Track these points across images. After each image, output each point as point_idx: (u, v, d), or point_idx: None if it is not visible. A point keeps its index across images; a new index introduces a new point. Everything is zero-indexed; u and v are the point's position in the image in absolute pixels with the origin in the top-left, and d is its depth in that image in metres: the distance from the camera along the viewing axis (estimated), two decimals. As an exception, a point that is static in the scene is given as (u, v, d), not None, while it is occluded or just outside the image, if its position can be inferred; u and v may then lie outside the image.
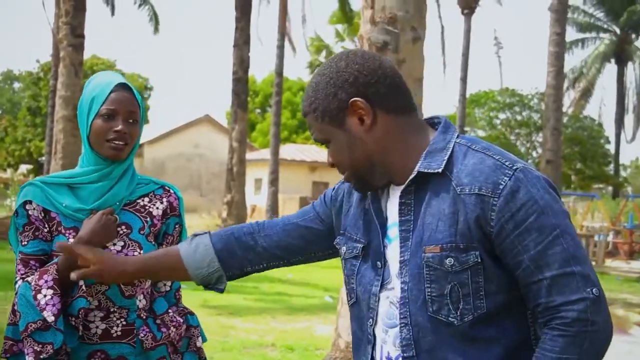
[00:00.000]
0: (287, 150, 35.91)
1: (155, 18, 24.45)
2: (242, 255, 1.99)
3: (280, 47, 28.96)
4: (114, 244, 2.21)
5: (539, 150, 29.46)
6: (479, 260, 1.60)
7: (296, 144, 42.32)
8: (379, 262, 1.77)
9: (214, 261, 1.95)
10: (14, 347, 2.17)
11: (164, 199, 2.35)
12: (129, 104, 2.24)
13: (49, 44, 36.45)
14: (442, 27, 28.54)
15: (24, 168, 50.51)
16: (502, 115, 35.09)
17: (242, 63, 16.94)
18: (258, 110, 51.01)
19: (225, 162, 17.51)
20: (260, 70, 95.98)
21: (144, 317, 2.27)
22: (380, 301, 1.75)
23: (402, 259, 1.69)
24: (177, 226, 2.37)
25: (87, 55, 13.59)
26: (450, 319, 1.62)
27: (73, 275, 2.00)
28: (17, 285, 2.20)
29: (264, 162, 31.58)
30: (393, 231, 1.75)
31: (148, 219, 2.30)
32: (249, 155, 26.71)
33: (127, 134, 2.22)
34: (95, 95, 2.22)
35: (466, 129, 32.36)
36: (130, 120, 2.23)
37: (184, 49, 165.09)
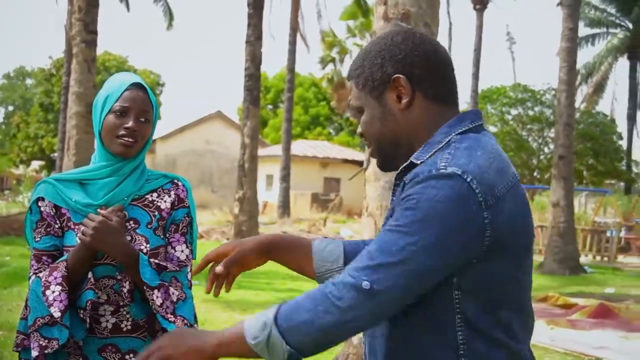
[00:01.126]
0: (299, 147, 35.91)
1: (169, 13, 24.49)
2: None
3: (292, 43, 29.02)
4: None
5: (551, 146, 29.30)
6: None
7: (308, 140, 42.34)
8: None
9: (340, 260, 1.93)
10: (24, 341, 2.21)
11: (172, 192, 2.38)
12: (142, 102, 2.29)
13: (61, 40, 36.69)
14: (450, 24, 28.52)
15: (36, 164, 50.76)
16: (514, 111, 34.92)
17: (254, 59, 16.94)
18: (270, 106, 51.05)
19: (237, 159, 17.52)
20: (272, 66, 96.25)
21: (128, 303, 2.25)
22: None
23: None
24: (185, 217, 2.38)
25: (99, 51, 13.63)
26: None
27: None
28: (30, 281, 2.26)
29: (275, 158, 31.62)
30: None
31: (156, 213, 2.34)
32: (261, 152, 26.73)
33: (137, 132, 2.26)
34: (109, 93, 2.28)
35: (479, 124, 32.19)
36: (142, 119, 2.28)
37: (196, 45, 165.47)
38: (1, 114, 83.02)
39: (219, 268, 1.84)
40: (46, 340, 2.13)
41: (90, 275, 2.19)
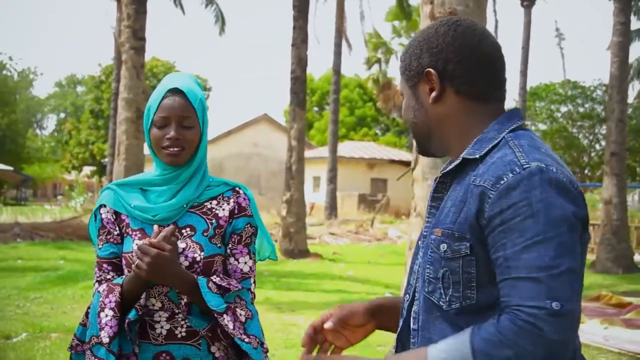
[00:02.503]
0: (345, 148, 35.91)
1: (221, 18, 24.67)
2: None
3: (338, 45, 29.04)
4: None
5: (603, 143, 28.80)
6: (469, 252, 1.58)
7: (354, 141, 42.31)
8: (419, 241, 1.81)
9: None
10: (78, 347, 2.26)
11: (232, 200, 2.33)
12: (181, 109, 2.24)
13: (110, 47, 37.32)
14: (497, 21, 28.18)
15: (87, 170, 51.70)
16: (563, 108, 34.40)
17: (300, 62, 16.99)
18: (316, 109, 51.15)
19: (284, 161, 17.59)
20: (318, 68, 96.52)
21: (185, 313, 2.22)
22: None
23: (424, 234, 1.75)
24: (247, 226, 2.32)
25: (147, 57, 13.82)
26: (440, 302, 1.63)
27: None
28: (93, 289, 2.31)
29: (322, 160, 31.67)
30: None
31: (213, 221, 2.29)
32: (307, 154, 26.79)
33: (180, 140, 2.23)
34: (151, 104, 2.27)
35: (526, 122, 31.82)
36: (185, 125, 2.25)
37: (242, 48, 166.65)
38: (54, 121, 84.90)
39: (329, 324, 1.84)
40: (96, 359, 2.17)
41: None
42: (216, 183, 2.36)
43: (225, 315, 2.17)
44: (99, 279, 2.30)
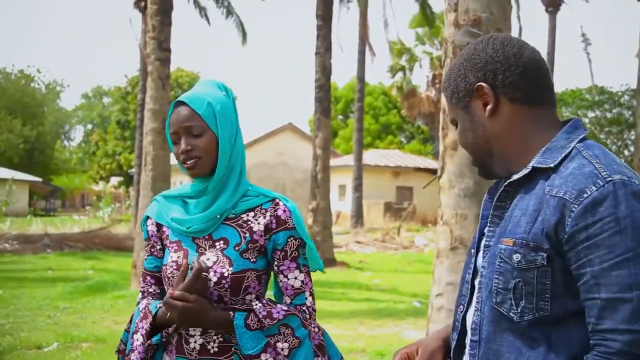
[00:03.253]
0: (370, 156, 35.89)
1: (242, 29, 24.83)
2: None
3: (362, 53, 29.05)
4: (208, 259, 2.17)
5: (632, 149, 28.46)
6: (545, 263, 1.55)
7: (379, 149, 42.26)
8: (472, 250, 1.79)
9: None
10: (123, 351, 2.30)
11: (268, 213, 2.21)
12: (184, 119, 2.18)
13: (136, 59, 37.70)
14: (520, 28, 27.97)
15: (114, 180, 52.20)
16: (590, 114, 34.11)
17: (324, 70, 17.03)
18: (340, 117, 51.18)
19: (309, 170, 17.64)
20: (342, 76, 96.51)
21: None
22: (476, 287, 1.74)
23: (486, 243, 1.70)
24: (290, 239, 2.20)
25: (172, 68, 13.93)
26: (511, 314, 1.59)
27: None
28: (138, 297, 2.36)
29: (347, 168, 31.66)
30: (489, 219, 1.77)
31: (247, 235, 2.19)
32: (333, 162, 26.81)
33: (192, 150, 2.17)
34: (167, 123, 2.25)
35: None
36: (194, 134, 2.18)
37: (266, 57, 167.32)
38: (81, 132, 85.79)
39: None
40: None
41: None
42: (255, 193, 2.25)
43: (262, 355, 2.11)
44: (142, 290, 2.34)
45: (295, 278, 2.22)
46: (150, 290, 2.32)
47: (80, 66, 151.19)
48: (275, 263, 2.21)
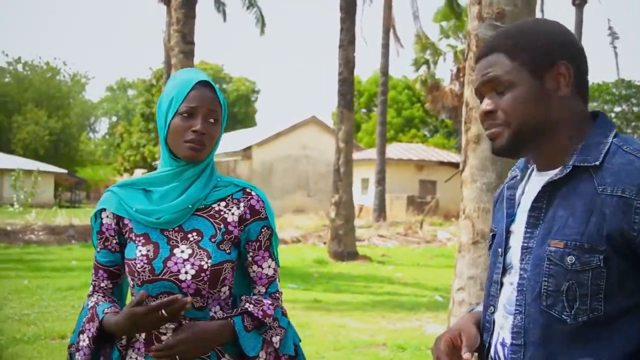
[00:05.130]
0: (393, 150, 35.79)
1: (262, 20, 24.89)
2: None
3: (385, 46, 28.97)
4: (182, 252, 2.08)
5: (658, 144, 28.13)
6: (602, 264, 1.53)
7: (402, 142, 42.15)
8: (500, 249, 1.75)
9: None
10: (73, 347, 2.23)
11: (242, 204, 2.15)
12: (210, 102, 2.10)
13: (161, 51, 37.88)
14: (546, 21, 27.72)
15: (139, 172, 52.57)
16: (617, 108, 33.73)
17: (347, 63, 17.01)
18: (363, 110, 51.15)
19: (332, 163, 17.63)
20: (365, 70, 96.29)
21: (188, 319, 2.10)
22: (504, 287, 1.73)
23: (525, 244, 1.66)
24: (264, 229, 2.17)
25: (195, 61, 13.98)
26: (563, 316, 1.57)
27: None
28: (89, 290, 2.27)
29: (370, 161, 31.62)
30: (520, 218, 1.73)
31: (222, 226, 2.12)
32: (356, 155, 26.79)
33: (205, 135, 2.08)
34: (174, 93, 2.11)
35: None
36: (211, 120, 2.11)
37: (290, 51, 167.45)
38: (106, 124, 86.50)
39: (467, 356, 1.74)
40: None
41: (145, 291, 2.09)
42: (224, 183, 2.18)
43: (261, 353, 2.11)
44: (93, 283, 2.25)
45: (269, 267, 2.19)
46: (102, 285, 2.23)
47: (105, 59, 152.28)
48: (250, 254, 2.17)
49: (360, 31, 70.65)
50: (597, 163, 1.58)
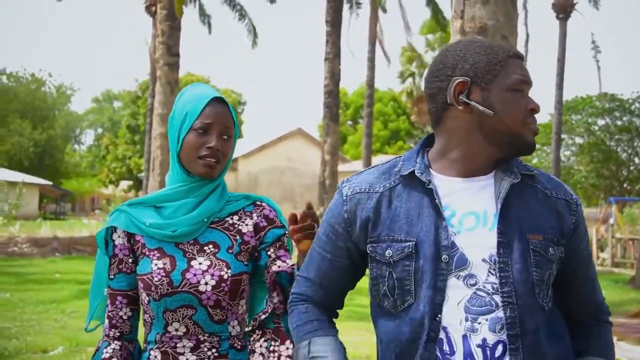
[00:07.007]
0: (379, 162, 35.84)
1: (254, 32, 24.90)
2: None
3: (371, 59, 29.01)
4: (200, 263, 2.05)
5: (641, 156, 28.35)
6: (563, 255, 1.78)
7: (388, 154, 42.23)
8: (444, 255, 1.71)
9: None
10: None
11: (254, 214, 2.16)
12: (225, 118, 2.10)
13: (146, 63, 37.83)
14: (528, 35, 27.91)
15: (124, 184, 52.36)
16: (600, 121, 33.96)
17: (333, 76, 17.06)
18: (349, 122, 51.22)
19: (318, 175, 17.64)
20: (351, 82, 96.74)
21: (239, 347, 2.10)
22: (451, 289, 1.70)
23: (500, 240, 1.70)
24: (280, 235, 2.16)
25: (181, 73, 13.96)
26: (543, 303, 1.73)
27: None
28: (104, 326, 2.16)
29: (356, 173, 31.60)
30: (468, 220, 1.73)
31: (237, 237, 2.12)
32: (341, 167, 26.80)
33: (220, 152, 2.08)
34: (189, 109, 2.09)
35: (563, 136, 31.45)
36: (225, 137, 2.10)
37: (276, 63, 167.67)
38: (91, 136, 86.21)
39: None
40: None
41: (164, 307, 2.06)
42: (236, 197, 2.19)
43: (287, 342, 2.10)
44: (110, 314, 2.13)
45: (291, 261, 2.17)
46: (121, 313, 2.13)
47: (91, 70, 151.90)
48: (271, 252, 2.14)
49: (347, 43, 70.99)
50: (535, 172, 1.83)
